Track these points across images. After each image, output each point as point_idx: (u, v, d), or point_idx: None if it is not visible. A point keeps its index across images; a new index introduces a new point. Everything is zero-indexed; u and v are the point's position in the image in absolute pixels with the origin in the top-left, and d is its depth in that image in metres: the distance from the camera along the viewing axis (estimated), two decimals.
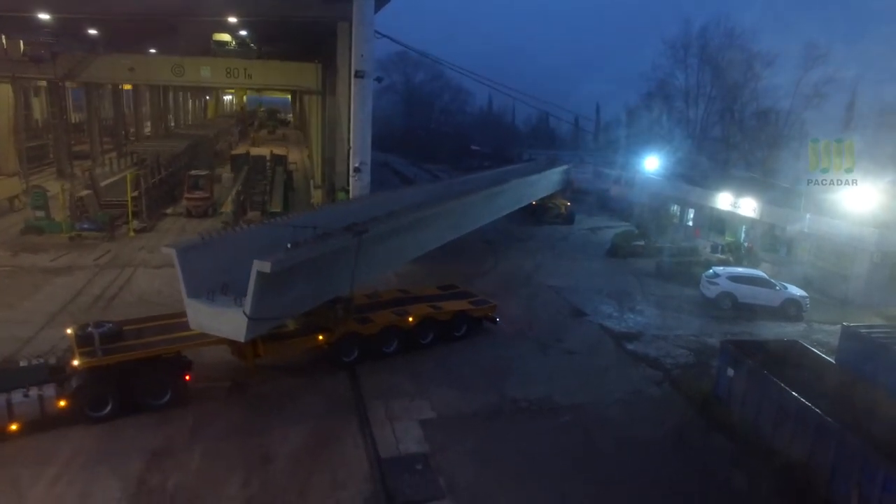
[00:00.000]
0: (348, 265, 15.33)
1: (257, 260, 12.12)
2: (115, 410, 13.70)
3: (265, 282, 12.28)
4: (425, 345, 18.40)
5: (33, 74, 33.40)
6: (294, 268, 13.30)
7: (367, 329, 17.27)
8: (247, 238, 15.13)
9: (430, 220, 20.48)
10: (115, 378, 13.70)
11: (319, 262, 14.34)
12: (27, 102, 53.00)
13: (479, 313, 19.68)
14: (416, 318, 18.08)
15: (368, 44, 25.15)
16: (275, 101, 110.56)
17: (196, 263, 13.58)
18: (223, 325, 13.27)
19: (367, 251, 15.98)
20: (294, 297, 14.05)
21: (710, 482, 13.23)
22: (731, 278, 24.58)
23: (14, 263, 24.05)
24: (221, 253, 14.10)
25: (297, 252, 13.30)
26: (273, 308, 13.31)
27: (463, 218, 23.98)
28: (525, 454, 13.64)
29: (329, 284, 15.34)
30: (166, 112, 68.77)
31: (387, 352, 17.70)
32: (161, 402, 14.27)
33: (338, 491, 11.99)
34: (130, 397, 13.93)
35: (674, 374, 18.11)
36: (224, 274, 13.55)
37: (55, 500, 11.18)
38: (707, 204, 35.26)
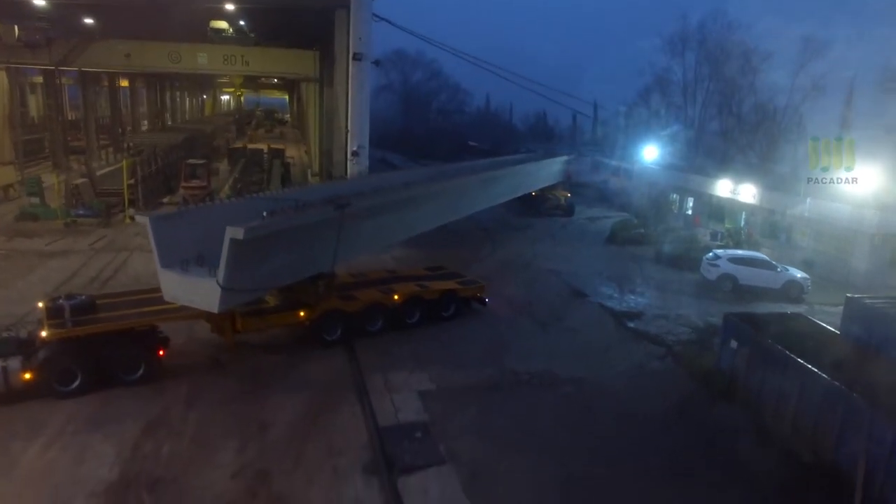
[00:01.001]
0: (331, 240, 14.89)
1: (230, 226, 11.77)
2: (84, 385, 13.14)
3: (238, 249, 11.94)
4: (412, 324, 17.89)
5: (28, 60, 33.07)
6: (270, 237, 12.93)
7: (351, 306, 16.74)
8: (226, 210, 14.70)
9: (421, 201, 20.04)
10: (85, 351, 13.20)
11: (299, 235, 13.99)
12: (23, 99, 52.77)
13: (468, 293, 19.33)
14: (402, 297, 17.63)
15: (366, 26, 25.09)
16: (272, 101, 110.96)
17: (171, 233, 13.24)
18: (196, 296, 12.90)
19: (352, 227, 15.60)
20: (271, 270, 13.66)
21: (715, 452, 12.99)
22: (731, 260, 24.42)
23: (9, 247, 23.82)
24: (199, 224, 13.65)
25: (272, 221, 12.93)
26: (248, 279, 12.91)
27: (457, 201, 23.59)
28: (526, 423, 13.45)
29: (310, 259, 14.96)
30: (163, 110, 68.65)
31: (372, 330, 17.15)
32: (134, 377, 13.72)
33: (335, 458, 11.75)
34: (101, 372, 13.39)
35: (675, 350, 17.92)
36: (201, 245, 13.09)
37: (47, 465, 10.93)
38: (706, 192, 35.16)
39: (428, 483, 11.12)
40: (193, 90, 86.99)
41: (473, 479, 11.31)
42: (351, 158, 25.94)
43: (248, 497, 10.42)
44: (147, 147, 38.13)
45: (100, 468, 10.84)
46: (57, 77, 40.31)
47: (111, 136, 52.00)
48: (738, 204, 32.68)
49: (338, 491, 10.78)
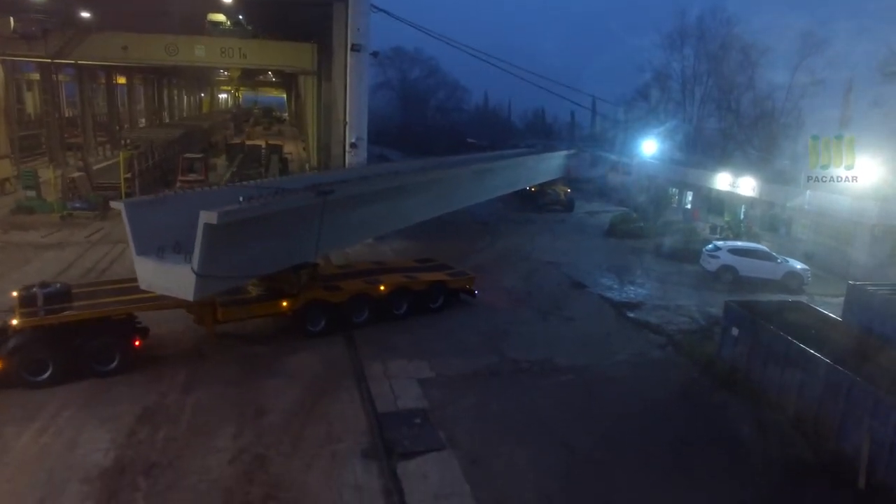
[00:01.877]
0: (314, 229, 14.50)
1: (204, 211, 11.39)
2: (56, 375, 12.73)
3: (213, 235, 11.58)
4: (399, 315, 17.48)
5: (24, 53, 32.79)
6: (248, 224, 12.53)
7: (336, 297, 16.31)
8: (206, 197, 14.15)
9: (411, 190, 19.46)
10: (57, 341, 12.77)
11: (279, 222, 13.55)
12: (20, 96, 52.59)
13: (457, 285, 18.96)
14: (388, 287, 17.21)
15: (365, 17, 24.98)
16: (270, 99, 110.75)
17: (148, 220, 12.92)
18: (172, 283, 12.52)
19: (337, 216, 15.21)
20: (250, 258, 13.24)
21: (717, 436, 12.92)
22: (731, 252, 24.33)
23: (4, 240, 23.65)
24: (177, 211, 13.15)
25: (249, 206, 12.48)
26: (225, 267, 12.51)
27: (450, 193, 23.01)
28: (526, 410, 13.31)
29: (292, 248, 14.54)
30: (161, 108, 68.42)
31: (357, 322, 16.71)
32: (108, 368, 13.27)
33: (334, 444, 11.61)
34: (73, 362, 12.94)
35: (676, 338, 17.80)
36: (178, 232, 12.61)
37: (41, 450, 10.78)
38: (705, 185, 35.07)
39: (427, 468, 10.98)
40: (191, 88, 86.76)
41: (473, 464, 11.18)
42: (349, 151, 25.80)
43: (246, 482, 10.27)
44: (144, 142, 37.89)
45: (94, 453, 10.69)
46: (53, 71, 40.07)
47: (108, 133, 51.78)
48: (737, 197, 32.59)
49: (337, 476, 10.63)
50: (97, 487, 9.88)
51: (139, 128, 54.93)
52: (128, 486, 10.00)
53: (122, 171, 29.68)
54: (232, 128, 71.15)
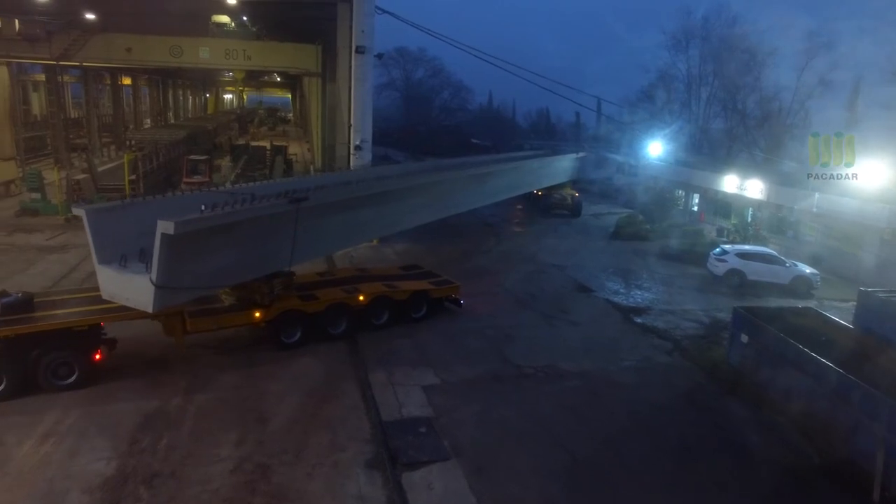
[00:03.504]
0: (287, 236, 13.86)
1: (161, 220, 10.81)
2: (9, 389, 12.22)
3: (171, 245, 11.04)
4: (379, 326, 16.88)
5: (28, 55, 32.83)
6: (211, 232, 11.98)
7: (311, 307, 15.65)
8: (175, 204, 13.58)
9: (399, 196, 18.69)
10: (12, 353, 12.21)
11: (247, 231, 12.97)
12: (26, 97, 52.73)
13: (440, 294, 18.26)
14: (367, 297, 16.51)
15: (369, 19, 24.85)
16: (275, 100, 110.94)
17: (111, 227, 12.50)
18: (132, 294, 12.02)
19: (315, 223, 14.67)
20: (216, 267, 12.65)
21: (724, 443, 12.72)
22: (739, 255, 24.09)
23: (8, 242, 23.63)
24: (144, 218, 12.25)
25: (210, 215, 11.81)
26: (188, 277, 12.00)
27: (444, 197, 22.09)
28: (531, 417, 13.15)
29: (264, 257, 13.96)
30: (166, 108, 68.51)
31: (334, 333, 16.12)
32: (67, 382, 12.71)
33: (337, 452, 11.45)
34: (30, 375, 12.42)
35: (683, 344, 17.62)
36: (144, 240, 11.88)
37: (42, 459, 10.67)
38: (712, 187, 34.82)
39: (432, 478, 10.83)
40: (196, 88, 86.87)
41: (478, 473, 11.02)
42: (354, 153, 25.68)
43: (248, 492, 10.14)
44: (149, 143, 37.99)
45: (96, 462, 10.58)
46: (58, 73, 40.12)
47: (113, 134, 51.85)
48: (744, 199, 32.33)
49: (340, 486, 10.49)
50: (98, 498, 9.76)
51: (144, 129, 55.02)
52: (130, 496, 9.87)
53: (127, 173, 29.64)
54: (236, 128, 71.11)
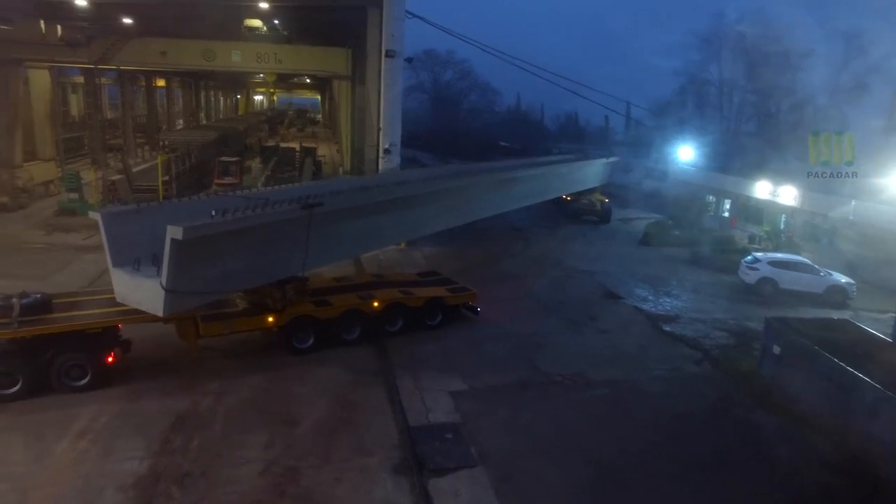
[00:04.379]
0: (300, 242, 13.77)
1: (171, 225, 10.89)
2: (24, 390, 12.39)
3: (181, 250, 11.10)
4: (393, 332, 16.71)
5: (69, 59, 33.79)
6: (221, 238, 11.97)
7: (325, 313, 15.56)
8: (189, 208, 13.69)
9: (418, 201, 18.33)
10: (28, 354, 12.43)
11: (259, 236, 12.89)
12: (65, 98, 54.10)
13: (456, 301, 17.99)
14: (382, 303, 16.39)
15: (399, 23, 24.96)
16: (304, 101, 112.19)
17: (126, 231, 12.66)
18: (143, 298, 12.11)
19: (330, 229, 14.52)
20: (227, 272, 12.59)
21: (754, 457, 12.48)
22: (771, 263, 23.67)
23: (47, 241, 24.28)
24: (158, 222, 12.13)
25: (220, 220, 11.78)
26: (198, 282, 11.99)
27: (466, 203, 21.54)
28: (558, 425, 13.09)
29: (276, 262, 13.79)
30: (198, 109, 69.70)
31: (348, 339, 16.02)
32: (80, 384, 12.84)
33: (364, 457, 11.54)
34: (44, 376, 12.60)
35: (713, 353, 17.36)
36: (157, 244, 11.81)
37: (79, 455, 10.97)
38: (744, 193, 34.24)
39: (459, 485, 10.84)
40: (227, 90, 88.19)
41: (505, 481, 11.01)
42: (382, 156, 25.83)
43: (276, 495, 10.27)
44: (181, 145, 38.62)
45: (129, 461, 10.82)
46: (96, 76, 41.12)
47: (147, 135, 52.93)
48: (777, 206, 31.77)
49: (367, 491, 10.57)
50: (132, 496, 9.98)
51: (176, 130, 56.03)
52: (162, 494, 10.08)
53: (161, 174, 30.23)
54: (266, 129, 72.06)
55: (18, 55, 31.02)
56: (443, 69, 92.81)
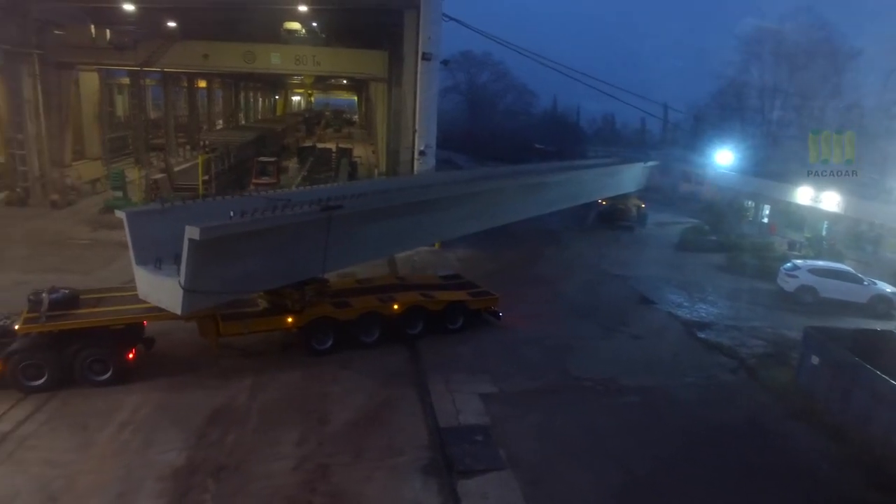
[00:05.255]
0: (319, 244, 13.88)
1: (189, 226, 11.12)
2: (50, 382, 12.81)
3: (198, 250, 11.31)
4: (414, 335, 16.67)
5: (116, 62, 34.95)
6: (239, 239, 12.17)
7: (344, 314, 15.63)
8: (214, 208, 13.86)
9: (442, 205, 18.17)
10: (54, 348, 12.86)
11: (277, 238, 13.04)
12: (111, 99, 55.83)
13: (478, 305, 17.86)
14: (402, 306, 16.38)
15: (436, 26, 25.13)
16: (341, 102, 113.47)
17: (149, 230, 12.93)
18: (163, 296, 12.39)
19: (351, 231, 14.61)
20: (246, 273, 12.79)
21: (790, 470, 12.23)
22: (812, 271, 23.07)
23: (92, 237, 25.14)
24: (183, 222, 12.22)
25: (238, 221, 11.98)
26: (217, 282, 12.21)
27: (492, 208, 21.22)
28: (589, 431, 13.04)
29: (296, 264, 13.95)
30: (238, 110, 71.13)
31: (367, 341, 16.03)
32: (102, 378, 13.21)
33: (395, 456, 11.70)
34: (68, 370, 13.01)
35: (749, 362, 17.03)
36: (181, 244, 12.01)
37: (121, 445, 11.39)
38: (784, 198, 33.44)
39: (487, 488, 10.90)
40: (266, 91, 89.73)
41: (534, 485, 11.03)
42: (418, 158, 26.04)
43: (308, 491, 10.48)
44: (221, 145, 39.49)
45: (168, 452, 11.20)
46: (141, 78, 42.40)
47: (188, 134, 54.26)
48: (819, 212, 30.95)
49: (396, 490, 10.71)
50: (170, 486, 10.32)
51: (216, 130, 57.25)
52: (198, 486, 10.39)
53: (201, 174, 31.03)
54: (304, 130, 73.09)
55: (71, 59, 32.31)
56: (479, 71, 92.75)
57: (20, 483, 10.14)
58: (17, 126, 29.81)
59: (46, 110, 30.44)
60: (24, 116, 29.57)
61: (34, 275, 18.50)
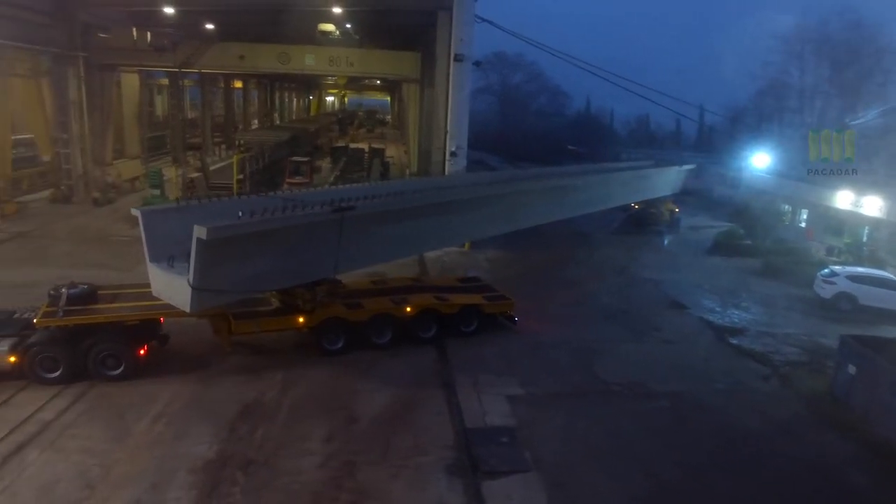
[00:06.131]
0: (330, 245, 13.82)
1: (197, 225, 11.19)
2: (64, 375, 13.18)
3: (206, 249, 11.36)
4: (426, 339, 16.52)
5: (156, 64, 35.94)
6: (248, 239, 12.20)
7: (356, 315, 15.65)
8: (228, 208, 13.85)
9: (459, 207, 17.76)
10: (70, 342, 13.20)
11: (287, 238, 13.01)
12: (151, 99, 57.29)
13: (493, 309, 17.61)
14: (414, 309, 16.26)
15: (468, 27, 25.24)
16: (374, 102, 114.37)
17: (164, 228, 13.10)
18: (173, 293, 12.57)
19: (364, 233, 14.49)
20: (255, 273, 12.80)
21: (824, 482, 11.96)
22: (851, 278, 22.45)
23: (131, 234, 25.75)
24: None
25: (245, 221, 12.05)
26: (226, 280, 12.26)
27: (514, 210, 20.61)
28: (615, 435, 12.96)
29: (307, 264, 13.88)
30: (272, 110, 72.25)
31: (379, 343, 16.00)
32: (114, 373, 13.47)
33: (420, 455, 11.80)
34: (82, 364, 13.31)
35: (782, 370, 16.69)
36: None
37: (155, 437, 11.74)
38: (823, 203, 32.58)
39: (512, 489, 10.93)
40: (301, 91, 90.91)
41: (558, 489, 11.02)
42: (449, 159, 26.16)
43: (334, 487, 10.64)
44: (255, 144, 40.22)
45: (199, 445, 11.50)
46: (180, 79, 43.42)
47: (224, 134, 55.34)
48: (860, 217, 30.06)
49: (421, 489, 10.81)
50: (201, 479, 10.60)
51: (251, 130, 58.25)
52: (227, 479, 10.65)
53: (235, 173, 31.64)
54: (337, 130, 73.86)
55: (113, 61, 33.38)
56: (512, 71, 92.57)
57: (61, 470, 10.55)
58: (62, 126, 30.89)
59: (90, 111, 31.50)
60: (69, 117, 30.64)
61: (77, 270, 19.14)
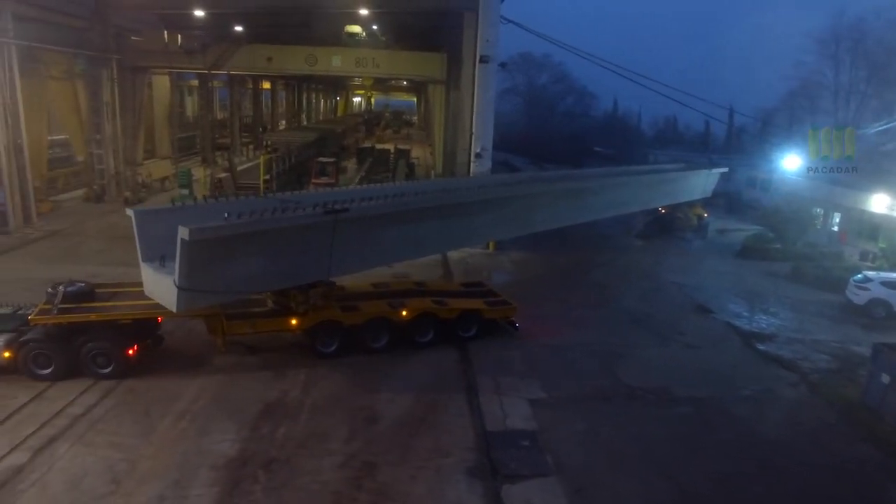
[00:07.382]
0: (323, 247, 13.70)
1: (181, 226, 11.17)
2: (57, 372, 13.33)
3: (191, 250, 11.34)
4: (423, 343, 16.28)
5: (186, 65, 36.61)
6: (236, 240, 12.16)
7: (351, 318, 15.47)
8: (224, 209, 13.52)
9: (463, 210, 17.44)
10: (63, 339, 13.34)
11: (279, 240, 12.92)
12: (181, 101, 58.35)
13: (493, 315, 17.28)
14: (411, 313, 16.00)
15: (494, 28, 25.20)
16: (400, 103, 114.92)
17: (158, 229, 13.05)
18: (162, 293, 12.60)
19: (361, 236, 14.37)
20: (245, 274, 12.72)
21: (855, 494, 11.68)
22: (885, 284, 21.83)
23: None
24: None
25: (230, 223, 11.99)
26: (214, 281, 12.23)
27: (525, 214, 20.11)
28: (638, 440, 12.80)
29: (300, 266, 13.79)
30: (300, 111, 73.01)
31: (374, 347, 15.81)
32: (104, 371, 13.55)
33: (441, 457, 11.80)
34: (74, 362, 13.43)
35: (812, 378, 16.31)
36: None
37: (180, 433, 11.93)
38: (857, 206, 31.79)
39: (531, 494, 10.87)
40: (328, 92, 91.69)
41: (579, 494, 10.93)
42: (474, 160, 26.15)
43: (354, 488, 10.69)
44: (282, 145, 40.66)
45: (222, 443, 11.65)
46: (209, 80, 44.15)
47: (252, 134, 56.07)
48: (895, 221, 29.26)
49: (441, 491, 10.79)
50: (223, 475, 10.74)
51: (279, 131, 58.97)
52: (249, 477, 10.77)
53: (262, 173, 32.04)
54: (363, 131, 74.31)
55: (145, 63, 34.08)
56: (538, 72, 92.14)
57: (89, 464, 10.79)
58: (96, 127, 31.60)
59: (122, 112, 32.20)
60: (102, 118, 31.33)
61: (107, 267, 19.61)
